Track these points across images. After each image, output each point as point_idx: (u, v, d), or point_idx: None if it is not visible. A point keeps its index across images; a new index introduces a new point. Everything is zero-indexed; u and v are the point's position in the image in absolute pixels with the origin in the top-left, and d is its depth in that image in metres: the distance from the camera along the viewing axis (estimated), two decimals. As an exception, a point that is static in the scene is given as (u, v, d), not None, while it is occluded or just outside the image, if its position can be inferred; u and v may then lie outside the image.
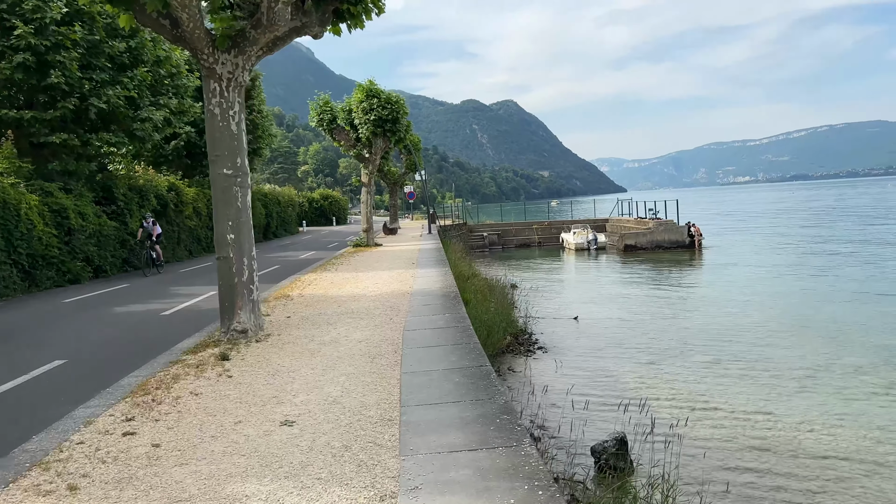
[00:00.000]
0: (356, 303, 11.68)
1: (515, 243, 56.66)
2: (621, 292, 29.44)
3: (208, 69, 8.66)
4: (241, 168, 8.90)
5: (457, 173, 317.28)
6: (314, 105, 29.19)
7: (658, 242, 45.82)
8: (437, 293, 12.44)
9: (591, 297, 28.32)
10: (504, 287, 28.03)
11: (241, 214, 8.91)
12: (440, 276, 15.70)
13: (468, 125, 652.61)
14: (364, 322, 9.67)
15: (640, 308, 25.18)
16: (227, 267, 8.92)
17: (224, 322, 8.97)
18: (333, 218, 67.62)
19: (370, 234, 28.67)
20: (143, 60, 21.03)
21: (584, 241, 49.29)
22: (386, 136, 27.32)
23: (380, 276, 16.07)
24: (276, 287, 15.07)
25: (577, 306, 26.10)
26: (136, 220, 22.79)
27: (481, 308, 18.70)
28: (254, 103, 33.97)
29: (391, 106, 26.74)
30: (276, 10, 8.31)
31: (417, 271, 17.14)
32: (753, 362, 16.37)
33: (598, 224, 55.73)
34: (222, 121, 8.75)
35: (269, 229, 42.80)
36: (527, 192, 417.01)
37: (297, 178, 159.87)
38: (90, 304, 14.87)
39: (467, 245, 48.28)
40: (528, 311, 21.88)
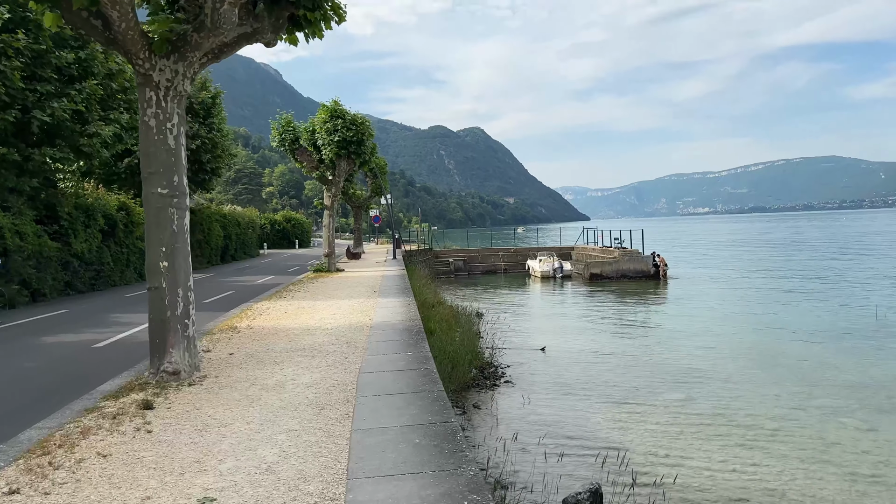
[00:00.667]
0: (309, 337, 10.66)
1: (481, 270, 55.95)
2: (588, 323, 28.79)
3: (143, 76, 7.71)
4: (178, 187, 7.91)
5: (423, 198, 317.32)
6: (276, 124, 28.19)
7: (623, 272, 45.52)
8: (399, 326, 11.50)
9: (557, 328, 27.61)
10: (470, 316, 27.19)
11: (176, 239, 7.90)
12: (403, 306, 14.76)
13: (435, 151, 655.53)
14: (316, 361, 8.68)
15: (608, 340, 24.53)
16: (158, 299, 7.88)
17: (153, 361, 7.90)
18: (296, 241, 66.22)
19: (332, 259, 27.61)
20: (94, 73, 19.87)
21: (549, 268, 48.80)
22: (350, 158, 26.40)
23: (338, 306, 15.06)
24: (225, 317, 13.96)
25: (543, 337, 25.35)
26: (80, 240, 21.43)
27: (446, 339, 17.79)
28: (214, 122, 32.82)
29: (356, 127, 25.86)
30: (222, 11, 7.42)
31: (379, 300, 16.17)
32: (728, 401, 15.71)
33: (563, 252, 55.38)
34: (158, 134, 7.77)
35: (227, 252, 41.36)
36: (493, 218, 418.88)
37: (261, 199, 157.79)
38: (16, 333, 13.56)
39: (433, 271, 47.42)
40: (495, 342, 21.04)
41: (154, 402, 6.81)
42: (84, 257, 21.76)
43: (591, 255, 50.68)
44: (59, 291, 20.30)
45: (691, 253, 74.99)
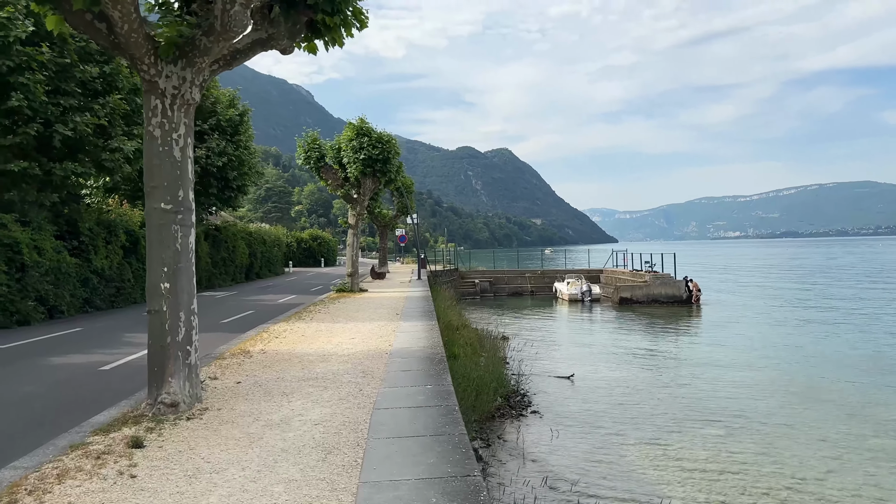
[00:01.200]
0: (324, 364, 9.98)
1: (507, 291, 55.05)
2: (617, 349, 27.78)
3: (149, 83, 7.16)
4: (182, 202, 7.32)
5: (450, 218, 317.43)
6: (301, 142, 27.82)
7: (654, 296, 44.34)
8: (420, 354, 10.77)
9: (586, 354, 26.64)
10: (495, 340, 26.38)
11: (179, 259, 7.29)
12: (425, 330, 14.04)
13: (463, 171, 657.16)
14: (328, 393, 7.98)
15: (639, 368, 23.52)
16: (158, 323, 7.26)
17: (151, 391, 7.26)
18: (322, 259, 65.97)
19: (355, 279, 27.02)
20: (118, 87, 19.66)
21: (577, 291, 47.75)
22: (375, 176, 25.88)
23: (358, 329, 14.39)
24: (239, 339, 13.35)
25: (572, 364, 24.42)
26: (101, 256, 21.13)
27: (470, 364, 17.01)
28: (241, 139, 32.65)
29: (382, 145, 25.36)
30: (232, 13, 6.85)
31: (401, 324, 15.47)
32: (771, 439, 14.69)
33: (592, 275, 54.30)
34: (163, 145, 7.20)
35: (252, 270, 41.08)
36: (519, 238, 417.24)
37: (290, 217, 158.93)
38: (25, 353, 13.10)
39: (458, 292, 46.68)
40: (521, 368, 20.20)
41: (145, 439, 6.15)
42: (104, 274, 21.44)
43: (621, 278, 49.54)
44: (77, 308, 19.95)
45: (724, 278, 73.28)
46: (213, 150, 30.50)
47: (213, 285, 32.95)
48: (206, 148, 30.29)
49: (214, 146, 30.53)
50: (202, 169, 30.15)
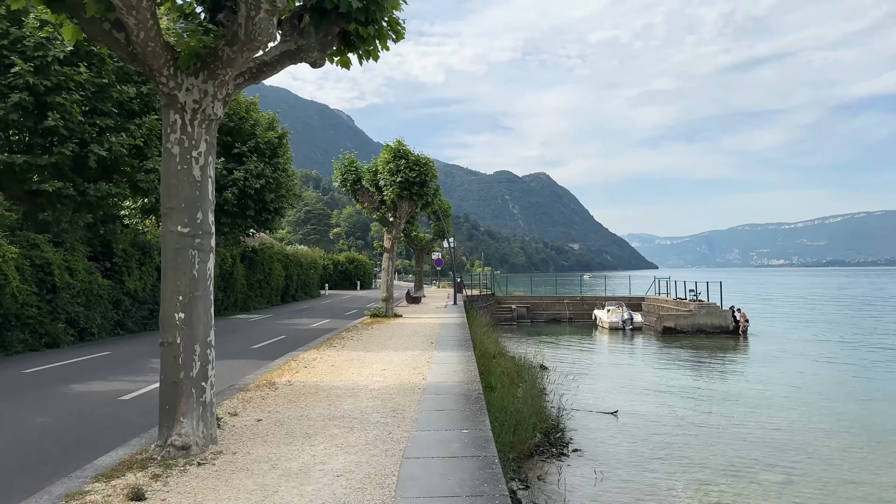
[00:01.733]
0: (352, 400, 9.28)
1: (545, 318, 53.89)
2: (663, 383, 26.54)
3: (168, 96, 6.64)
4: (201, 225, 6.75)
5: (487, 242, 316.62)
6: (338, 164, 27.49)
7: (700, 326, 42.83)
8: (455, 390, 10.00)
9: (629, 387, 25.50)
10: (533, 369, 25.44)
11: (196, 286, 6.70)
12: (461, 362, 13.26)
13: (500, 195, 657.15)
14: (353, 436, 7.27)
15: (687, 404, 22.32)
16: (171, 357, 6.66)
17: (162, 432, 6.64)
18: (358, 282, 65.71)
19: (389, 304, 26.39)
20: (155, 108, 19.54)
21: (618, 319, 46.42)
22: (412, 199, 25.34)
23: (390, 360, 13.69)
24: (266, 368, 12.76)
25: (614, 397, 23.34)
26: (134, 277, 20.91)
27: (508, 396, 16.17)
28: (280, 161, 32.55)
29: (419, 168, 24.85)
30: (257, 21, 6.30)
31: (435, 354, 14.72)
32: (835, 486, 13.52)
33: (633, 302, 52.83)
34: (182, 163, 6.66)
35: (287, 292, 40.85)
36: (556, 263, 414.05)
37: (328, 239, 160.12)
38: (49, 378, 12.70)
39: (494, 317, 45.75)
40: (561, 402, 19.24)
41: (148, 489, 5.50)
42: (137, 296, 21.20)
43: (664, 306, 48.04)
44: (108, 331, 19.69)
45: (769, 307, 70.87)
46: (251, 173, 30.40)
47: (248, 308, 32.70)
48: (244, 170, 30.22)
49: (252, 168, 30.43)
50: (239, 191, 30.05)
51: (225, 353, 16.53)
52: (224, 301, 29.70)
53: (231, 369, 13.47)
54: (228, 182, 29.80)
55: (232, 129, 31.08)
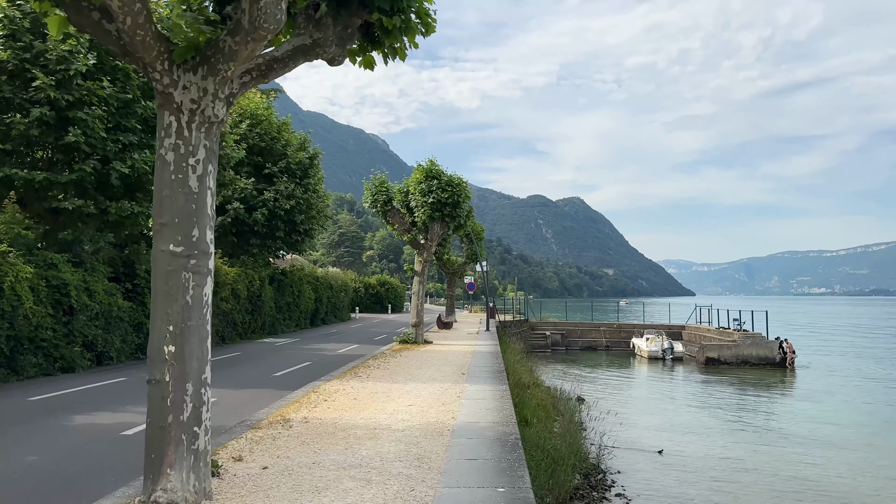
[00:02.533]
0: (372, 443, 8.23)
1: (581, 345, 52.28)
2: (708, 418, 24.96)
3: (162, 94, 5.77)
4: (197, 244, 5.81)
5: (519, 266, 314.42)
6: (369, 184, 26.71)
7: (744, 357, 40.94)
8: (489, 433, 8.88)
9: (673, 422, 23.98)
10: (570, 401, 24.18)
11: (189, 315, 5.75)
12: (496, 398, 12.12)
13: (533, 220, 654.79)
14: (370, 492, 6.20)
15: (737, 444, 20.79)
16: (158, 397, 5.70)
17: (146, 485, 5.66)
18: (389, 305, 64.86)
19: (419, 330, 25.33)
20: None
21: (658, 349, 44.68)
22: (444, 221, 24.36)
23: (418, 393, 12.61)
24: (284, 400, 11.78)
25: (658, 434, 21.90)
26: (156, 299, 20.25)
27: (544, 432, 14.97)
28: (310, 182, 31.98)
29: (452, 188, 23.90)
30: (262, 5, 5.40)
31: (467, 387, 13.60)
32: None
33: (673, 330, 51.00)
34: (176, 172, 5.75)
35: (317, 315, 40.08)
36: (590, 289, 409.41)
37: (361, 262, 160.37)
38: (54, 406, 11.90)
39: (528, 344, 44.38)
40: (601, 439, 17.92)
41: (114, 564, 4.51)
42: (159, 318, 20.52)
43: (707, 336, 46.17)
44: (128, 354, 18.98)
45: (816, 337, 68.05)
46: (282, 193, 29.83)
47: (276, 331, 31.96)
48: (274, 191, 29.67)
49: (283, 189, 29.87)
50: (269, 211, 29.47)
51: (245, 380, 15.62)
52: (251, 324, 28.99)
53: (248, 400, 12.54)
54: (258, 203, 29.24)
55: (263, 149, 30.62)
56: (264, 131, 30.43)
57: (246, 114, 30.25)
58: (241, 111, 30.29)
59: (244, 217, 29.01)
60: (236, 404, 11.99)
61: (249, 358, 21.05)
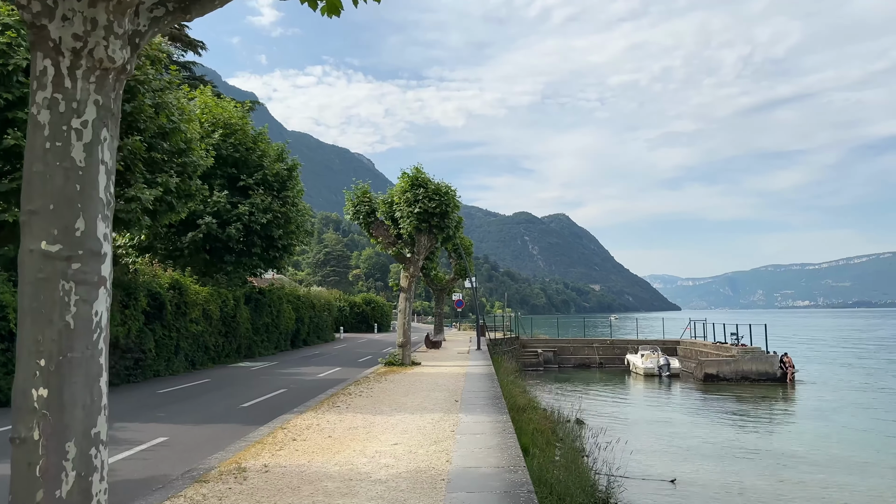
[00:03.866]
0: (346, 501, 6.42)
1: (573, 363, 50.59)
2: (717, 440, 23.31)
3: (33, 28, 4.01)
4: (83, 241, 4.00)
5: (506, 283, 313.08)
6: (350, 195, 24.94)
7: (744, 373, 39.48)
8: (495, 485, 7.10)
9: (680, 446, 22.30)
10: (569, 424, 22.51)
11: (71, 343, 3.93)
12: (497, 431, 10.34)
13: (520, 236, 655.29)
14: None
15: (750, 468, 19.23)
16: (24, 463, 3.88)
17: None
18: (375, 325, 62.86)
19: (406, 350, 23.50)
20: (139, 129, 17.18)
21: (654, 365, 43.10)
22: (432, 232, 22.59)
23: (405, 427, 10.80)
24: (246, 441, 9.93)
25: (666, 460, 20.22)
26: (115, 323, 18.31)
27: (546, 462, 13.23)
28: (289, 195, 30.17)
29: (440, 197, 22.15)
30: None
31: (461, 418, 11.81)
32: None
33: (667, 346, 49.47)
34: (53, 138, 3.98)
35: (298, 336, 38.06)
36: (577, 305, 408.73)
37: (348, 281, 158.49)
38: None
39: (519, 362, 42.67)
40: (607, 466, 16.19)
41: None
42: (119, 343, 18.58)
43: (703, 351, 44.62)
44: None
45: (810, 351, 66.77)
46: (258, 207, 28.00)
47: (252, 354, 29.97)
48: (249, 204, 27.83)
49: (259, 202, 28.04)
50: (244, 226, 27.61)
51: (207, 413, 13.72)
52: (225, 347, 26.99)
53: (204, 440, 10.67)
54: (232, 217, 27.38)
55: (238, 160, 28.83)
56: (239, 141, 28.66)
57: (219, 123, 28.50)
58: (214, 120, 28.54)
59: (217, 232, 27.14)
60: (190, 445, 10.14)
61: (218, 385, 19.12)
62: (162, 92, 18.03)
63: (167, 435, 10.95)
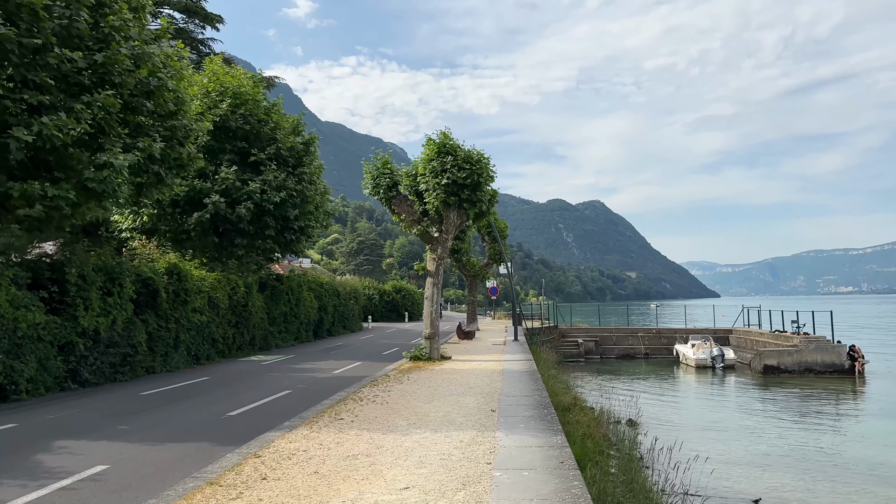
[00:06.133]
0: None
1: (616, 353, 47.25)
2: (794, 445, 20.08)
3: None
4: None
5: (541, 271, 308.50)
6: (370, 166, 22.01)
7: (808, 365, 35.83)
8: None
9: (753, 453, 19.07)
10: (619, 425, 19.49)
11: None
12: (551, 468, 7.34)
13: (553, 224, 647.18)
14: None
15: (843, 482, 15.92)
16: None
17: None
18: (406, 313, 60.19)
19: (434, 343, 20.62)
20: (114, 82, 14.48)
21: (707, 356, 39.59)
22: (462, 207, 19.53)
23: (423, 453, 7.89)
24: (201, 477, 7.10)
25: (741, 471, 17.09)
26: (93, 313, 15.75)
27: (601, 476, 10.26)
28: (305, 172, 27.40)
29: (471, 166, 19.03)
30: None
31: (500, 439, 8.84)
32: None
33: (718, 335, 45.79)
34: None
35: (321, 326, 35.44)
36: (613, 292, 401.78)
37: (381, 270, 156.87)
38: None
39: (559, 353, 39.51)
40: (677, 481, 13.15)
41: None
42: (99, 336, 16.02)
43: (760, 340, 40.93)
44: (50, 385, 14.48)
45: (867, 338, 62.15)
46: (270, 184, 25.28)
47: (268, 346, 27.40)
48: (261, 181, 25.13)
49: (272, 179, 25.32)
50: (256, 206, 24.93)
51: (181, 425, 10.92)
52: (236, 340, 24.41)
53: (150, 473, 7.84)
54: (243, 195, 24.71)
55: (248, 133, 26.12)
56: (249, 112, 25.94)
57: (228, 92, 25.81)
58: (222, 89, 25.87)
59: (226, 213, 24.51)
60: (126, 482, 7.36)
61: (215, 385, 16.47)
62: (145, 43, 15.33)
63: (111, 461, 8.23)
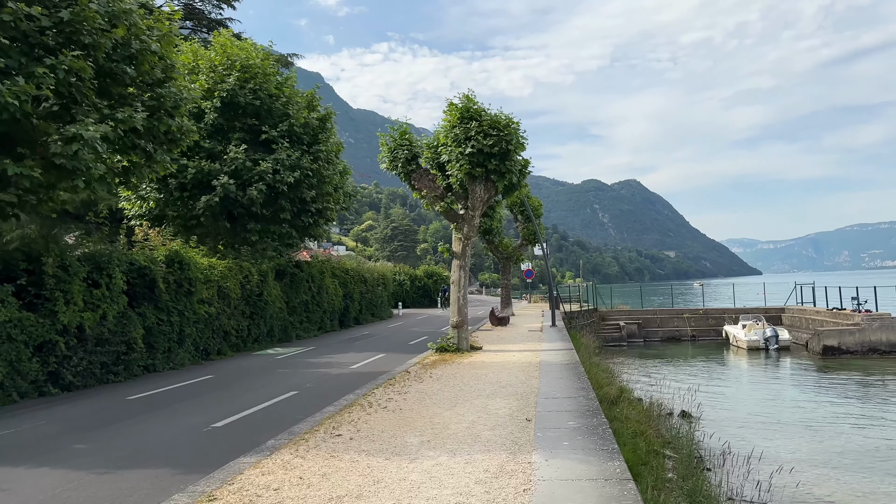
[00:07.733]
0: None
1: (661, 336, 44.68)
2: (873, 438, 17.55)
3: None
4: None
5: (577, 252, 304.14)
6: (386, 137, 19.89)
7: (872, 344, 32.99)
8: None
9: (830, 452, 16.61)
10: (672, 418, 17.28)
11: None
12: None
13: (589, 205, 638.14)
14: None
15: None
16: None
17: None
18: (438, 299, 58.26)
19: (462, 332, 18.54)
20: (83, 42, 12.60)
21: (759, 337, 36.89)
22: (489, 179, 17.29)
23: (436, 492, 5.83)
24: None
25: (818, 474, 14.78)
26: (75, 308, 14.02)
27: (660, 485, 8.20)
28: (321, 150, 25.45)
29: (499, 132, 16.74)
30: None
31: (537, 468, 6.73)
32: None
33: (769, 314, 42.89)
34: None
35: (347, 315, 33.63)
36: (651, 272, 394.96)
37: (415, 255, 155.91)
38: None
39: (600, 337, 37.21)
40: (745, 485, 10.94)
41: None
42: (84, 333, 14.30)
43: (818, 319, 37.99)
44: (23, 392, 12.79)
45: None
46: (283, 163, 23.38)
47: (289, 338, 25.64)
48: (273, 160, 23.24)
49: (285, 158, 23.42)
50: (268, 187, 23.09)
51: (141, 448, 8.87)
52: (251, 332, 22.66)
53: None
54: (254, 176, 22.87)
55: (259, 109, 24.21)
56: (259, 86, 24.02)
57: (236, 65, 23.92)
58: (230, 62, 23.98)
59: (237, 195, 22.71)
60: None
61: (213, 386, 14.63)
62: (121, 0, 13.41)
63: (33, 501, 6.35)
